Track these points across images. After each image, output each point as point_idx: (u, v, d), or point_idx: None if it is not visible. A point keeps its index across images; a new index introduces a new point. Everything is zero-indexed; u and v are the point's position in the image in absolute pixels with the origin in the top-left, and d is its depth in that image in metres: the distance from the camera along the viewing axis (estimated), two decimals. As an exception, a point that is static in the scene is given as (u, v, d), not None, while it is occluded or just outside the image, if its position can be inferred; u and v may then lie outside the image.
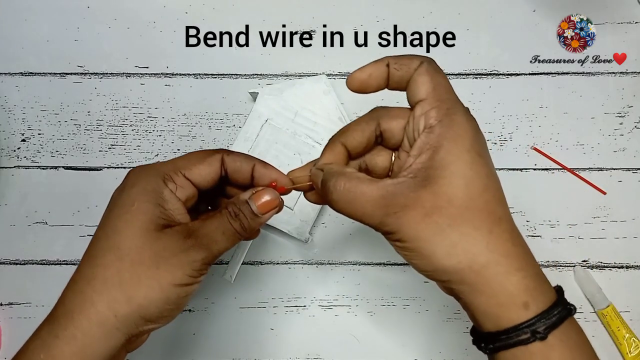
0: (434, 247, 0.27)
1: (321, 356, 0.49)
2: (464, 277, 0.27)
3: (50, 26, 0.55)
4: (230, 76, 0.54)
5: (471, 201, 0.27)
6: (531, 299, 0.27)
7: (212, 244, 0.31)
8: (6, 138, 0.53)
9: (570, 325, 0.27)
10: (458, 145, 0.27)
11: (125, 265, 0.29)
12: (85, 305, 0.29)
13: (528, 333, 0.26)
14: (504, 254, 0.27)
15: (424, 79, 0.29)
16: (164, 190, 0.32)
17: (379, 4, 0.55)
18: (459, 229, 0.27)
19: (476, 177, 0.27)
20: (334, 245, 0.51)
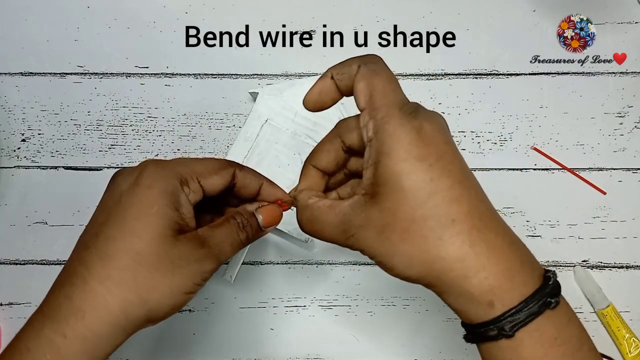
0: (392, 262, 0.28)
1: (321, 356, 0.49)
2: (429, 282, 0.28)
3: (50, 26, 0.55)
4: (230, 76, 0.54)
5: (415, 212, 0.27)
6: (496, 298, 0.27)
7: (222, 254, 0.32)
8: (6, 138, 0.53)
9: (547, 319, 0.27)
10: (393, 157, 0.27)
11: (142, 270, 0.29)
12: (98, 306, 0.29)
13: (495, 330, 0.27)
14: (459, 259, 0.27)
15: (361, 86, 0.29)
16: (181, 194, 0.31)
17: (379, 4, 0.55)
18: (410, 241, 0.27)
19: (416, 186, 0.27)
20: (334, 245, 0.50)
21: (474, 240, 0.27)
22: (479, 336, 0.28)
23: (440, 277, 0.27)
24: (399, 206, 0.27)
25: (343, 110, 0.51)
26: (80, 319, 0.29)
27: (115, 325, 0.29)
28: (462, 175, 0.28)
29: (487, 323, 0.27)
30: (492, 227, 0.28)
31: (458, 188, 0.27)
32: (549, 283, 0.28)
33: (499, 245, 0.27)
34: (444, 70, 0.54)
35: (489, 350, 0.28)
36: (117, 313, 0.29)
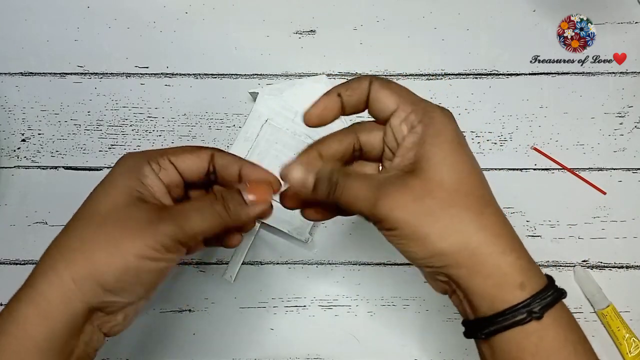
0: (427, 230, 0.27)
1: (321, 356, 0.49)
2: (459, 260, 0.27)
3: (50, 26, 0.55)
4: (230, 76, 0.54)
5: (460, 185, 0.28)
6: (526, 279, 0.27)
7: (184, 220, 0.30)
8: (6, 138, 0.53)
9: (562, 307, 0.28)
10: (441, 137, 0.29)
11: (89, 230, 0.29)
12: (46, 269, 0.29)
13: (524, 313, 0.27)
14: (497, 234, 0.28)
15: (386, 93, 0.31)
16: (145, 167, 0.31)
17: (379, 4, 0.55)
18: (450, 210, 0.27)
19: (461, 163, 0.29)
20: (334, 245, 0.51)
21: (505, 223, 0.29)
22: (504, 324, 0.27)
23: (475, 252, 0.27)
24: (445, 177, 0.28)
25: (343, 110, 0.51)
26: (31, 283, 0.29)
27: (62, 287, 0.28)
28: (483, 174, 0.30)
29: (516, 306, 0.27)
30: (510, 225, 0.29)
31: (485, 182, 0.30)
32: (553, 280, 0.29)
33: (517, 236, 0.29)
34: (444, 70, 0.54)
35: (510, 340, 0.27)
36: (63, 274, 0.28)
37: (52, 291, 0.28)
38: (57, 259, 0.29)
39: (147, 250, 0.29)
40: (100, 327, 0.31)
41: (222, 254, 0.50)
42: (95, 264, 0.29)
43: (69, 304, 0.29)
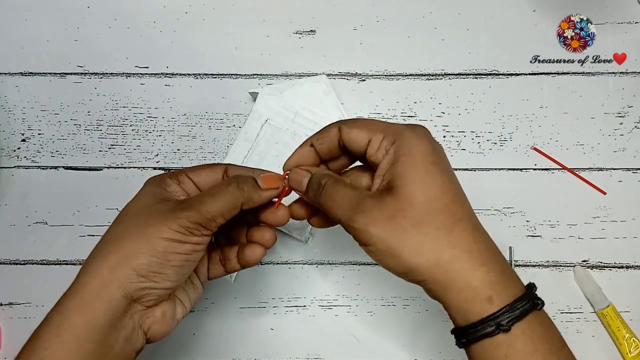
0: (401, 246, 0.30)
1: (321, 356, 0.49)
2: (434, 276, 0.30)
3: (50, 26, 0.55)
4: (230, 76, 0.54)
5: (430, 204, 0.30)
6: (495, 293, 0.29)
7: (200, 204, 0.33)
8: (6, 138, 0.53)
9: (535, 318, 0.29)
10: (411, 157, 0.31)
11: (121, 226, 0.33)
12: (87, 265, 0.32)
13: (493, 326, 0.29)
14: (467, 250, 0.29)
15: (355, 131, 0.33)
16: (167, 179, 0.36)
17: (379, 4, 0.55)
18: (421, 229, 0.30)
19: (433, 182, 0.30)
20: (334, 245, 0.51)
21: (477, 238, 0.30)
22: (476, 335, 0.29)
23: (447, 268, 0.29)
24: (416, 196, 0.30)
25: (343, 111, 0.51)
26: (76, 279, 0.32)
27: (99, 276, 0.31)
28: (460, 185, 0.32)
29: (485, 319, 0.29)
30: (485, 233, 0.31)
31: (461, 194, 0.31)
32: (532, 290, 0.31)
33: (493, 248, 0.31)
34: (444, 70, 0.54)
35: (483, 350, 0.29)
36: (100, 264, 0.31)
37: (91, 280, 0.31)
38: (95, 255, 0.32)
39: (171, 232, 0.32)
40: (140, 323, 0.33)
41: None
42: (126, 250, 0.32)
43: (107, 291, 0.31)
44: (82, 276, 0.32)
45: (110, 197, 0.52)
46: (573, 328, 0.49)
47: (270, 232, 0.38)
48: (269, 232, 0.38)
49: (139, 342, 0.33)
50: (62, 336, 0.30)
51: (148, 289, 0.32)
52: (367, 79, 0.54)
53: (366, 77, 0.54)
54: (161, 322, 0.34)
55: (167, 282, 0.33)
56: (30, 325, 0.37)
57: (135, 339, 0.33)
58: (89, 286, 0.31)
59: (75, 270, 0.49)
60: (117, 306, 0.31)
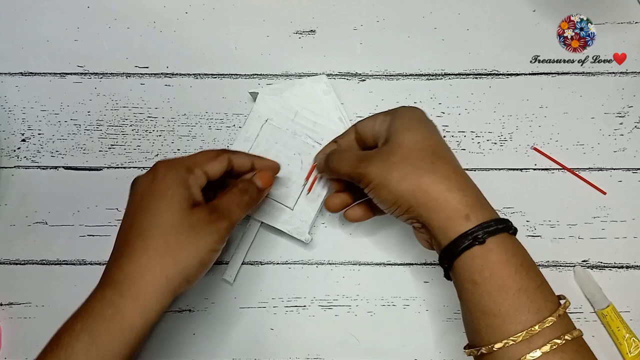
0: (390, 176, 0.37)
1: (321, 356, 0.49)
2: (417, 199, 0.35)
3: (50, 26, 0.55)
4: (230, 76, 0.54)
5: (416, 145, 0.37)
6: (471, 212, 0.34)
7: (231, 214, 0.39)
8: (6, 138, 0.53)
9: (509, 237, 0.34)
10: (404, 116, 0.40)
11: (170, 236, 0.36)
12: (142, 270, 0.35)
13: (470, 239, 0.33)
14: (445, 176, 0.35)
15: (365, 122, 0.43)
16: (189, 178, 0.39)
17: (379, 4, 0.55)
18: (407, 161, 0.36)
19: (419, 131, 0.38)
20: (334, 245, 0.51)
21: (457, 172, 0.36)
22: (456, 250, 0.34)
23: (428, 190, 0.35)
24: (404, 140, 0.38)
25: (343, 111, 0.51)
26: (131, 282, 0.35)
27: (158, 284, 0.35)
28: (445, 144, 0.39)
29: (464, 234, 0.34)
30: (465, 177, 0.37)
31: (444, 145, 0.39)
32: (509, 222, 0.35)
33: (471, 183, 0.36)
34: (444, 70, 0.54)
35: (463, 262, 0.34)
36: (157, 273, 0.36)
37: (150, 287, 0.35)
38: (151, 264, 0.36)
39: (214, 244, 0.38)
40: None
41: (222, 254, 0.50)
42: (183, 263, 0.36)
43: (162, 298, 0.36)
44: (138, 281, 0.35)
45: (110, 197, 0.52)
46: (573, 328, 0.49)
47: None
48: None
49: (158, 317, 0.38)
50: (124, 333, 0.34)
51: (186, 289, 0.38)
52: (367, 79, 0.54)
53: (366, 77, 0.54)
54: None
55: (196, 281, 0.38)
56: (31, 325, 0.37)
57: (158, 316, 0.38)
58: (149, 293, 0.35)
59: (75, 270, 0.50)
60: (166, 307, 0.36)
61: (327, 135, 0.49)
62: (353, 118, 0.53)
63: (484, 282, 0.33)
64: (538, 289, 0.33)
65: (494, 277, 0.33)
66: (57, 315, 0.35)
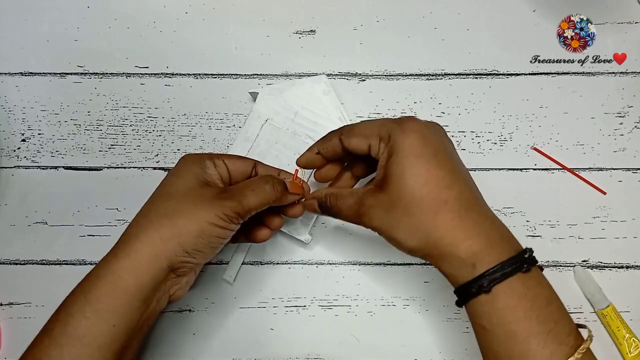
0: (398, 232, 0.36)
1: (321, 356, 0.49)
2: (429, 251, 0.35)
3: (50, 26, 0.55)
4: (230, 76, 0.54)
5: (414, 194, 0.35)
6: (477, 261, 0.33)
7: (242, 197, 0.38)
8: (6, 138, 0.53)
9: (519, 279, 0.33)
10: (398, 155, 0.36)
11: (172, 203, 0.37)
12: (138, 231, 0.36)
13: (476, 288, 0.33)
14: (450, 229, 0.34)
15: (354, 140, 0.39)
16: (207, 161, 0.40)
17: (379, 4, 0.55)
18: (410, 217, 0.35)
19: (416, 174, 0.35)
20: (334, 245, 0.51)
21: (462, 217, 0.34)
22: (465, 295, 0.34)
23: (436, 244, 0.34)
24: (402, 190, 0.35)
25: (343, 111, 0.51)
26: (126, 242, 0.36)
27: (151, 245, 0.36)
28: (453, 167, 0.36)
29: (470, 282, 0.34)
30: (477, 209, 0.35)
31: (449, 177, 0.35)
32: (524, 255, 0.34)
33: (482, 222, 0.35)
34: (444, 70, 0.54)
35: (473, 307, 0.34)
36: (152, 234, 0.36)
37: (143, 248, 0.36)
38: (147, 225, 0.36)
39: (216, 218, 0.37)
40: (169, 288, 0.38)
41: (222, 254, 0.50)
42: (179, 227, 0.36)
43: (156, 260, 0.36)
44: (134, 242, 0.36)
45: (110, 197, 0.52)
46: (573, 328, 0.49)
47: (280, 219, 0.44)
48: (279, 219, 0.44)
49: (164, 303, 0.39)
50: (118, 293, 0.35)
51: (187, 263, 0.37)
52: (367, 79, 0.54)
53: (366, 77, 0.54)
54: (183, 288, 0.40)
55: (202, 259, 0.39)
56: (31, 325, 0.37)
57: (164, 300, 0.39)
58: (142, 254, 0.36)
59: (75, 270, 0.50)
60: (162, 273, 0.36)
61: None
62: (353, 118, 0.53)
63: (492, 329, 0.33)
64: (550, 333, 0.32)
65: (502, 324, 0.33)
66: (57, 315, 0.35)
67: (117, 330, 0.35)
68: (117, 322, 0.35)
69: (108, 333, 0.34)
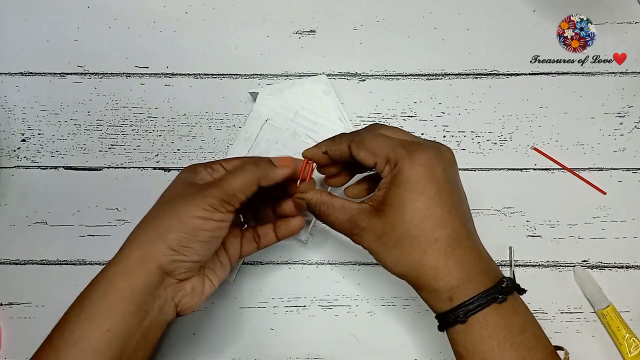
0: (385, 259, 0.37)
1: (321, 356, 0.49)
2: (411, 280, 0.37)
3: (50, 26, 0.55)
4: (230, 76, 0.54)
5: (409, 229, 0.36)
6: (454, 294, 0.35)
7: (224, 183, 0.38)
8: (6, 138, 0.53)
9: (494, 309, 0.35)
10: (402, 187, 0.36)
11: (157, 208, 0.38)
12: (129, 240, 0.37)
13: (452, 318, 0.35)
14: (433, 267, 0.36)
15: (363, 154, 0.38)
16: (199, 167, 0.40)
17: (379, 4, 0.55)
18: (400, 249, 0.36)
19: (414, 211, 0.36)
20: (334, 245, 0.51)
21: (447, 255, 0.35)
22: (444, 323, 0.36)
23: (418, 277, 0.36)
24: (398, 223, 0.36)
25: (343, 111, 0.51)
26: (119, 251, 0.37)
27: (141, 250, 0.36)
28: (453, 205, 0.36)
29: (447, 312, 0.36)
30: (464, 245, 0.36)
31: (447, 216, 0.36)
32: (502, 286, 0.35)
33: (466, 259, 0.36)
34: (444, 70, 0.54)
35: (451, 335, 0.36)
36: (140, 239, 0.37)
37: (132, 252, 0.36)
38: (136, 232, 0.37)
39: (198, 210, 0.36)
40: (172, 296, 0.38)
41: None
42: (162, 227, 0.36)
43: (145, 262, 0.36)
44: (125, 249, 0.37)
45: (110, 197, 0.52)
46: (573, 328, 0.49)
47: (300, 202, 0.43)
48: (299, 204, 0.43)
49: (170, 313, 0.38)
50: (110, 297, 0.35)
51: (178, 262, 0.37)
52: (367, 79, 0.54)
53: (366, 77, 0.54)
54: (191, 296, 0.39)
55: (195, 256, 0.37)
56: (31, 325, 0.37)
57: (167, 310, 0.37)
58: (131, 258, 0.36)
59: (75, 270, 0.50)
60: (154, 276, 0.36)
61: (327, 135, 0.49)
62: (353, 118, 0.53)
63: (468, 356, 0.35)
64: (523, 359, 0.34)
65: (477, 352, 0.35)
66: (57, 315, 0.35)
67: (113, 335, 0.34)
68: (111, 326, 0.34)
69: (102, 337, 0.34)
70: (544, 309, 0.49)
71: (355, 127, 0.53)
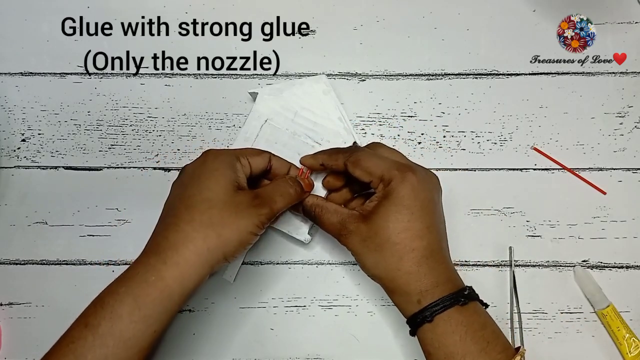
0: (365, 261, 0.42)
1: (321, 356, 0.49)
2: (385, 283, 0.41)
3: (50, 26, 0.55)
4: (230, 76, 0.54)
5: (391, 237, 0.40)
6: (422, 297, 0.39)
7: (272, 203, 0.41)
8: (6, 138, 0.53)
9: (456, 310, 0.39)
10: (390, 201, 0.41)
11: (215, 212, 0.39)
12: (186, 240, 0.38)
13: (420, 318, 0.39)
14: (407, 273, 0.40)
15: (359, 173, 0.43)
16: (237, 163, 0.42)
17: (379, 4, 0.55)
18: (380, 253, 0.41)
19: (398, 223, 0.40)
20: (334, 245, 0.51)
21: (421, 264, 0.40)
22: (413, 324, 0.40)
23: (393, 280, 0.40)
24: (382, 230, 0.41)
25: (343, 111, 0.51)
26: (175, 250, 0.37)
27: (199, 255, 0.37)
28: (432, 221, 0.41)
29: (416, 314, 0.40)
30: (436, 257, 0.41)
31: (425, 231, 0.41)
32: (464, 292, 0.40)
33: (436, 268, 0.40)
34: (444, 70, 0.54)
35: (420, 335, 0.40)
36: (200, 245, 0.38)
37: (192, 257, 0.37)
38: (194, 235, 0.38)
39: (254, 227, 0.40)
40: None
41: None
42: (224, 238, 0.38)
43: (202, 268, 0.38)
44: (182, 250, 0.37)
45: (110, 197, 0.52)
46: (573, 328, 0.49)
47: None
48: None
49: None
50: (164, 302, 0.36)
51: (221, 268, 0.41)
52: (367, 79, 0.54)
53: (366, 77, 0.54)
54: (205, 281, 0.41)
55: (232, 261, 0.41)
56: (31, 325, 0.37)
57: None
58: (190, 262, 0.37)
59: (75, 270, 0.50)
60: (203, 279, 0.38)
61: (326, 135, 0.49)
62: (353, 118, 0.53)
63: (435, 352, 0.39)
64: (482, 351, 0.38)
65: (442, 347, 0.38)
66: (57, 315, 0.36)
67: (156, 336, 0.37)
68: (157, 328, 0.37)
69: (149, 338, 0.36)
70: (544, 309, 0.49)
71: (355, 127, 0.53)
